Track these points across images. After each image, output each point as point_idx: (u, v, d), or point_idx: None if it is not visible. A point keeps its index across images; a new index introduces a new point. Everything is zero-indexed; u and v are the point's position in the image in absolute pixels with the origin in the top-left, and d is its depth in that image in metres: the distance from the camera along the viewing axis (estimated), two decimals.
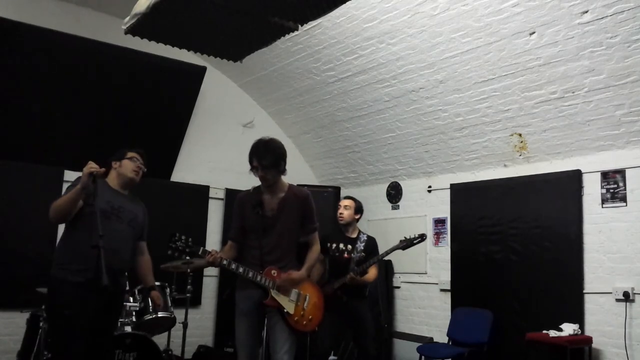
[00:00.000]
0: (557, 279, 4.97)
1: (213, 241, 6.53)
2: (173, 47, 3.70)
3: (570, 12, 4.17)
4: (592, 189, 4.88)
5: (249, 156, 3.39)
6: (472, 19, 4.63)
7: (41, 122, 5.52)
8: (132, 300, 4.53)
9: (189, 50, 4.32)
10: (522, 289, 5.23)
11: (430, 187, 6.32)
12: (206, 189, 6.66)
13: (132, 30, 3.35)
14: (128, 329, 4.35)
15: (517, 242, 5.32)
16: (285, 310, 3.36)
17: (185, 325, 5.26)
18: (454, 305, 5.77)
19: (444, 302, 5.94)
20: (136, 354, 4.16)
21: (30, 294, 4.22)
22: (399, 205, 6.69)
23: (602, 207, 4.80)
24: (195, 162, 6.64)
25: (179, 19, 3.26)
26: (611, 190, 4.75)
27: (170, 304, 4.82)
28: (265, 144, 3.38)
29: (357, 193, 6.97)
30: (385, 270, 6.39)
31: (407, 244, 4.70)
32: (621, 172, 4.70)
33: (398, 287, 6.50)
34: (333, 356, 5.71)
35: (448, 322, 5.66)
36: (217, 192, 6.73)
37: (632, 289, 4.51)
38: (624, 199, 4.67)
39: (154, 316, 4.60)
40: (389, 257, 5.14)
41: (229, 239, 3.58)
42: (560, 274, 4.96)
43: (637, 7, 3.90)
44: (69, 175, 5.48)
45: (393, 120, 6.06)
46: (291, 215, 3.46)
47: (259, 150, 3.36)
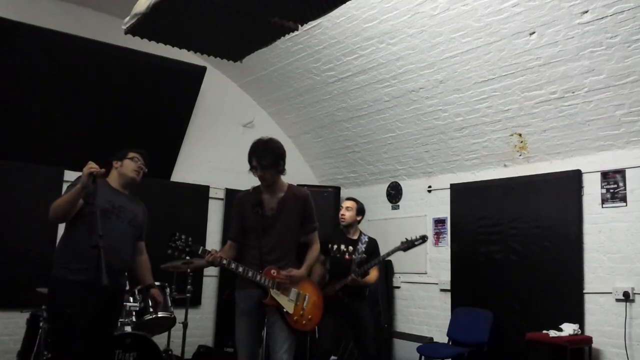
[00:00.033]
0: (557, 279, 4.97)
1: (213, 241, 6.53)
2: (173, 47, 3.70)
3: (570, 12, 4.17)
4: (592, 189, 4.88)
5: (248, 156, 3.39)
6: (472, 19, 4.63)
7: (41, 122, 5.52)
8: (132, 300, 4.52)
9: (189, 50, 4.32)
10: (522, 289, 5.23)
11: (430, 187, 6.32)
12: (206, 189, 6.66)
13: (132, 30, 3.35)
14: (128, 329, 4.35)
15: (517, 242, 5.32)
16: (284, 310, 3.37)
17: (185, 325, 5.26)
18: (454, 305, 5.77)
19: (444, 302, 5.94)
20: (136, 354, 4.16)
21: (30, 294, 4.22)
22: (399, 205, 6.69)
23: (602, 207, 4.80)
24: (195, 162, 6.64)
25: (179, 19, 3.26)
26: (611, 190, 4.75)
27: (170, 304, 4.81)
28: (264, 144, 3.39)
29: (357, 193, 6.98)
30: (385, 270, 6.39)
31: (409, 245, 4.70)
32: (621, 172, 4.70)
33: (398, 287, 6.50)
34: (333, 356, 5.70)
35: (448, 322, 5.66)
36: (217, 192, 6.73)
37: (632, 289, 4.51)
38: (624, 199, 4.67)
39: (154, 316, 4.59)
40: (389, 257, 5.15)
41: (229, 239, 3.59)
42: (560, 274, 4.96)
43: (637, 7, 3.90)
44: (69, 175, 5.48)
45: (393, 120, 6.06)
46: (291, 215, 3.46)
47: (258, 150, 3.37)
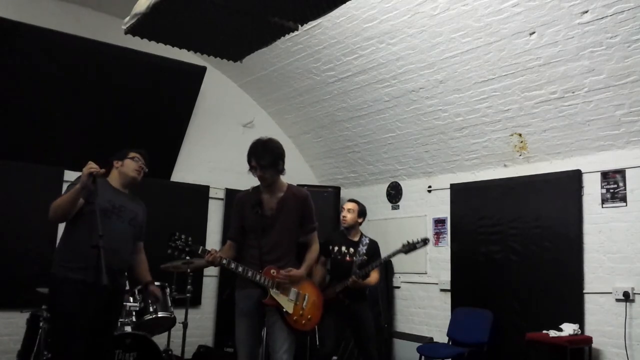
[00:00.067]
0: (557, 279, 4.97)
1: (213, 241, 6.53)
2: (173, 47, 3.71)
3: (570, 12, 4.17)
4: (592, 189, 4.88)
5: (247, 156, 3.40)
6: (472, 19, 4.63)
7: (41, 122, 5.52)
8: (132, 300, 4.52)
9: (189, 50, 4.32)
10: (522, 289, 5.23)
11: (430, 187, 6.32)
12: (206, 189, 6.66)
13: (132, 30, 3.36)
14: (128, 329, 4.35)
15: (517, 242, 5.32)
16: (284, 310, 3.37)
17: (185, 325, 5.25)
18: (454, 305, 5.77)
19: (444, 302, 5.94)
20: (136, 354, 4.16)
21: (30, 294, 4.22)
22: (399, 205, 6.69)
23: (602, 207, 4.80)
24: (195, 162, 6.64)
25: (179, 19, 3.26)
26: (611, 190, 4.75)
27: (170, 304, 4.81)
28: (263, 144, 3.39)
29: (357, 193, 6.98)
30: (385, 270, 6.39)
31: (410, 248, 4.68)
32: (621, 172, 4.70)
33: (398, 287, 6.50)
34: (334, 357, 5.70)
35: (448, 322, 5.66)
36: (217, 192, 6.73)
37: (632, 289, 4.51)
38: (624, 199, 4.67)
39: (154, 316, 4.60)
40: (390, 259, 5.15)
41: (228, 239, 3.59)
42: (560, 274, 4.96)
43: (637, 7, 3.90)
44: (69, 175, 5.48)
45: (393, 120, 6.06)
46: (290, 214, 3.46)
47: (258, 150, 3.37)
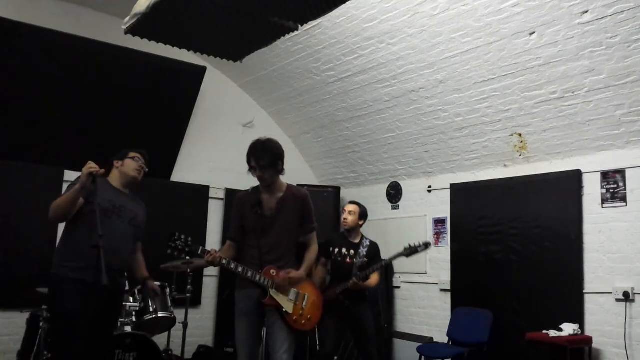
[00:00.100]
0: (557, 279, 4.97)
1: (213, 241, 6.53)
2: (173, 47, 3.70)
3: (570, 12, 4.17)
4: (592, 189, 4.88)
5: (246, 157, 3.41)
6: (472, 19, 4.63)
7: (41, 122, 5.52)
8: (132, 300, 4.52)
9: (189, 50, 4.32)
10: (522, 289, 5.23)
11: (430, 187, 6.32)
12: (206, 189, 6.66)
13: (132, 30, 3.35)
14: (128, 329, 4.35)
15: (517, 242, 5.32)
16: (284, 310, 3.37)
17: (185, 325, 5.25)
18: (454, 305, 5.77)
19: (444, 302, 5.93)
20: (136, 354, 4.16)
21: (30, 294, 4.22)
22: (399, 205, 6.69)
23: (602, 207, 4.80)
24: (195, 162, 6.64)
25: (179, 19, 3.26)
26: (611, 190, 4.75)
27: (170, 304, 4.81)
28: (262, 145, 3.40)
29: (357, 193, 6.99)
30: (386, 270, 6.38)
31: (411, 251, 4.68)
32: (621, 172, 4.69)
33: (398, 287, 6.50)
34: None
35: (448, 322, 5.66)
36: (217, 192, 6.73)
37: (632, 289, 4.51)
38: (624, 199, 4.67)
39: (154, 316, 4.60)
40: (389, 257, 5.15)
41: (228, 239, 3.60)
42: (560, 274, 4.96)
43: (637, 7, 3.90)
44: (69, 175, 5.48)
45: (393, 120, 6.05)
46: (290, 214, 3.47)
47: (257, 151, 3.38)
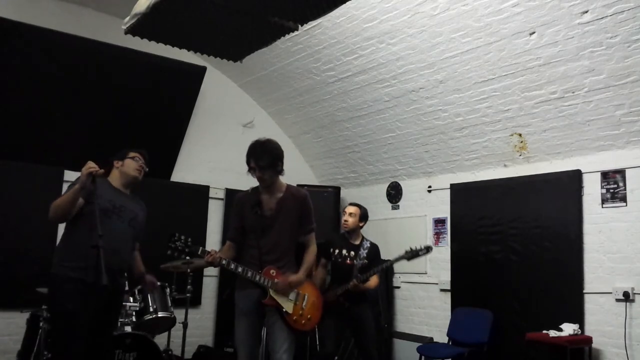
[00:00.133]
0: (557, 279, 4.97)
1: (213, 241, 6.53)
2: (173, 47, 3.70)
3: (570, 12, 4.17)
4: (592, 189, 4.88)
5: (246, 157, 3.41)
6: (472, 19, 4.63)
7: (41, 122, 5.52)
8: (132, 300, 4.53)
9: (189, 50, 4.32)
10: (522, 289, 5.22)
11: (430, 187, 6.31)
12: (206, 189, 6.66)
13: (132, 30, 3.35)
14: (128, 329, 4.35)
15: (517, 242, 5.32)
16: (284, 310, 3.38)
17: (185, 325, 5.26)
18: (454, 305, 5.77)
19: (444, 302, 5.93)
20: (136, 354, 4.16)
21: (30, 294, 4.22)
22: (399, 205, 6.69)
23: (602, 207, 4.80)
24: (195, 162, 6.64)
25: (179, 19, 3.26)
26: (611, 190, 4.75)
27: (170, 304, 4.81)
28: (262, 145, 3.40)
29: (357, 193, 6.99)
30: (386, 270, 6.38)
31: (412, 254, 4.67)
32: (621, 172, 4.69)
33: (398, 287, 6.50)
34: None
35: (448, 322, 5.66)
36: (217, 192, 6.73)
37: (632, 289, 4.51)
38: (624, 199, 4.67)
39: (154, 316, 4.60)
40: (389, 257, 5.15)
41: (228, 239, 3.60)
42: (560, 274, 4.96)
43: (637, 7, 3.90)
44: (69, 175, 5.48)
45: (393, 120, 6.05)
46: (289, 215, 3.47)
47: (256, 152, 3.38)
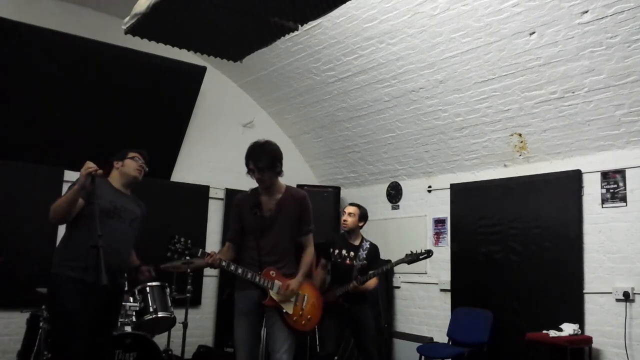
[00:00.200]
0: (557, 279, 4.97)
1: (213, 241, 6.53)
2: (173, 47, 3.70)
3: (570, 12, 4.17)
4: (592, 189, 4.88)
5: (245, 159, 3.41)
6: (472, 19, 4.62)
7: (41, 122, 5.52)
8: (132, 300, 4.53)
9: (189, 50, 4.31)
10: (522, 289, 5.22)
11: (430, 187, 6.31)
12: (206, 189, 6.66)
13: (132, 30, 3.35)
14: (128, 329, 4.35)
15: (517, 242, 5.32)
16: (284, 310, 3.38)
17: (185, 325, 5.26)
18: (454, 305, 5.76)
19: (444, 302, 5.93)
20: (136, 354, 4.17)
21: (30, 294, 4.21)
22: (399, 205, 6.69)
23: (602, 207, 4.80)
24: (195, 162, 6.64)
25: (179, 19, 3.26)
26: (611, 190, 4.75)
27: (170, 304, 4.81)
28: (261, 147, 3.41)
29: (357, 193, 6.99)
30: (386, 271, 6.38)
31: (413, 258, 4.68)
32: (621, 172, 4.69)
33: (398, 287, 6.50)
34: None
35: (448, 322, 5.65)
36: (217, 192, 6.72)
37: (632, 289, 4.51)
38: (624, 199, 4.67)
39: (154, 316, 4.61)
40: (389, 257, 5.15)
41: (227, 240, 3.60)
42: (560, 274, 4.95)
43: (637, 7, 3.90)
44: (69, 175, 5.48)
45: (393, 120, 6.05)
46: (289, 216, 3.48)
47: (255, 153, 3.39)
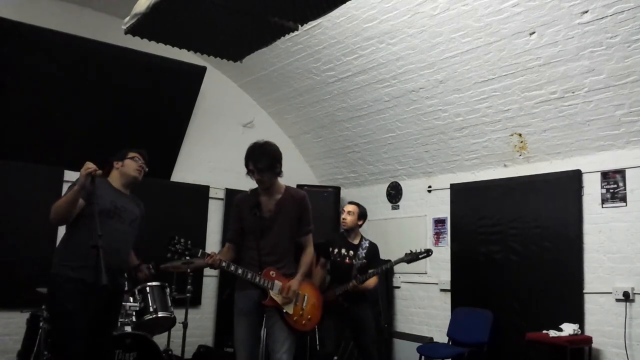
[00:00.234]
0: (557, 279, 4.97)
1: (213, 241, 6.53)
2: (173, 47, 3.70)
3: (570, 12, 4.17)
4: (592, 189, 4.88)
5: (244, 160, 3.42)
6: (472, 19, 4.62)
7: (41, 122, 5.52)
8: (132, 300, 4.53)
9: (189, 50, 4.32)
10: (522, 289, 5.22)
11: (430, 187, 6.31)
12: (206, 189, 6.66)
13: (132, 30, 3.35)
14: (128, 329, 4.35)
15: (517, 242, 5.32)
16: (284, 310, 3.38)
17: (185, 325, 5.26)
18: (454, 305, 5.77)
19: (444, 302, 5.93)
20: (136, 354, 4.16)
21: (30, 294, 4.22)
22: (399, 205, 6.69)
23: (602, 207, 4.80)
24: (195, 162, 6.64)
25: (179, 19, 3.26)
26: (611, 190, 4.75)
27: (170, 304, 4.81)
28: (260, 148, 3.41)
29: (357, 193, 6.98)
30: (386, 270, 6.38)
31: (413, 258, 4.68)
32: (621, 172, 4.69)
33: (398, 287, 6.50)
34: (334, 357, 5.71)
35: (448, 322, 5.66)
36: (217, 192, 6.72)
37: (632, 289, 4.51)
38: (624, 199, 4.67)
39: (154, 316, 4.60)
40: (389, 257, 5.15)
41: (227, 241, 3.60)
42: (560, 274, 4.96)
43: (637, 7, 3.90)
44: (69, 175, 5.49)
45: (393, 120, 6.05)
46: (288, 216, 3.48)
47: (255, 154, 3.39)
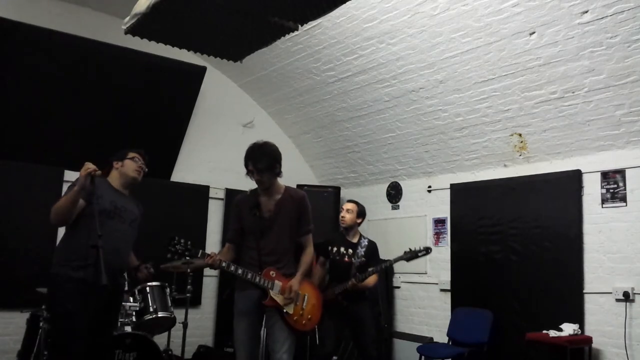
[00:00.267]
0: (557, 279, 4.97)
1: (213, 241, 6.53)
2: (173, 47, 3.70)
3: (570, 12, 4.17)
4: (592, 189, 4.88)
5: (244, 160, 3.42)
6: (472, 19, 4.63)
7: (41, 122, 5.52)
8: (132, 300, 4.53)
9: (189, 50, 4.31)
10: (522, 289, 5.23)
11: (430, 187, 6.32)
12: (206, 189, 6.66)
13: (132, 30, 3.35)
14: (128, 329, 4.35)
15: (517, 242, 5.32)
16: (284, 310, 3.38)
17: (185, 325, 5.26)
18: (454, 305, 5.77)
19: (444, 302, 5.94)
20: (136, 354, 4.16)
21: (30, 294, 4.22)
22: (399, 205, 6.69)
23: (602, 207, 4.80)
24: (195, 162, 6.64)
25: (179, 19, 3.26)
26: (611, 190, 4.75)
27: (170, 304, 4.81)
28: (259, 148, 3.41)
29: (357, 193, 6.98)
30: (385, 270, 6.37)
31: (412, 255, 4.67)
32: (621, 172, 4.69)
33: (398, 287, 6.50)
34: (334, 357, 5.70)
35: (448, 322, 5.66)
36: (217, 192, 6.73)
37: (632, 289, 4.51)
38: (624, 199, 4.67)
39: (154, 316, 4.61)
40: (389, 257, 5.14)
41: (227, 241, 3.61)
42: (560, 274, 4.96)
43: (637, 7, 3.90)
44: (69, 175, 5.49)
45: (393, 120, 6.05)
46: (288, 216, 3.48)
47: (254, 155, 3.39)
